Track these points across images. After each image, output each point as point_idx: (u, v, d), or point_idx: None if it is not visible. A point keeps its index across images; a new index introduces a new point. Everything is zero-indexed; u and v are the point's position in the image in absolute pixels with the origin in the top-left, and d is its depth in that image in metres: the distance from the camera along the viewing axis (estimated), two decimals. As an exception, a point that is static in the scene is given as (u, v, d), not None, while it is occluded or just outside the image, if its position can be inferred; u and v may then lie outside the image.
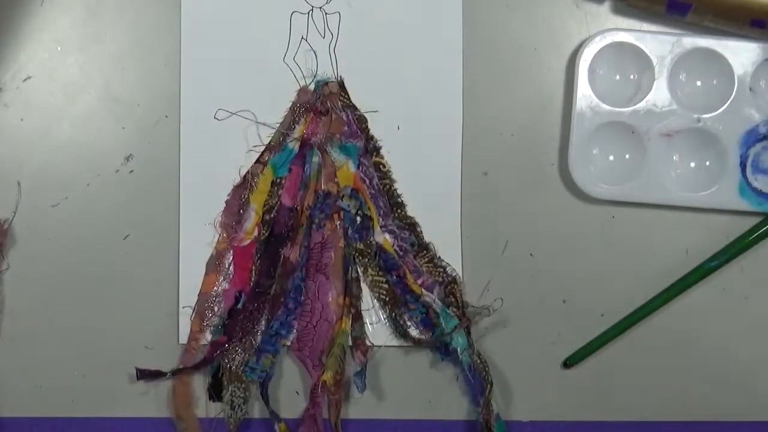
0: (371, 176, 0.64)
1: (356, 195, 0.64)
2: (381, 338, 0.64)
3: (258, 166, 0.64)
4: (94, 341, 0.64)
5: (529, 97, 0.65)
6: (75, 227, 0.64)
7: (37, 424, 0.64)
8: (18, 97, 0.64)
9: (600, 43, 0.63)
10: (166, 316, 0.64)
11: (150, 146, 0.64)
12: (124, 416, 0.64)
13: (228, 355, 0.63)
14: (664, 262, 0.65)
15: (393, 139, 0.65)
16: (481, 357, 0.63)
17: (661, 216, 0.65)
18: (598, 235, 0.65)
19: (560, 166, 0.65)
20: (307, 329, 0.64)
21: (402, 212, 0.64)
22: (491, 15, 0.65)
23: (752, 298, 0.65)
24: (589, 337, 0.65)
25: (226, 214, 0.64)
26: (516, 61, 0.65)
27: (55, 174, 0.64)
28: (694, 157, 0.65)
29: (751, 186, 0.64)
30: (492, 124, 0.65)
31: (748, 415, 0.65)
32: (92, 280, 0.64)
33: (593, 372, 0.65)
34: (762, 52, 0.63)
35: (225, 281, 0.64)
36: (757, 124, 0.64)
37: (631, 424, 0.65)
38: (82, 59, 0.64)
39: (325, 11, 0.65)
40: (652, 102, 0.64)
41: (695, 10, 0.62)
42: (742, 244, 0.64)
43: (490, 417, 0.62)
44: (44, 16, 0.64)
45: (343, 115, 0.64)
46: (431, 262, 0.64)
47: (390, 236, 0.64)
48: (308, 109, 0.64)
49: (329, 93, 0.64)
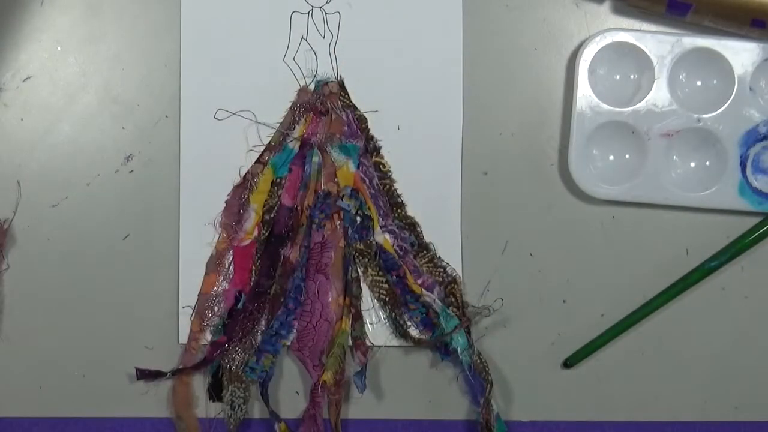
0: (371, 176, 0.64)
1: (356, 195, 0.64)
2: (381, 338, 0.64)
3: (258, 166, 0.64)
4: (94, 341, 0.64)
5: (529, 97, 0.65)
6: (75, 227, 0.64)
7: (37, 424, 0.64)
8: (18, 97, 0.64)
9: (600, 43, 0.63)
10: (166, 316, 0.64)
11: (150, 146, 0.64)
12: (124, 416, 0.64)
13: (228, 355, 0.63)
14: (664, 262, 0.65)
15: (393, 139, 0.65)
16: (481, 357, 0.63)
17: (661, 216, 0.65)
18: (598, 235, 0.65)
19: (560, 166, 0.65)
20: (307, 329, 0.64)
21: (402, 212, 0.64)
22: (491, 15, 0.65)
23: (752, 298, 0.65)
24: (589, 337, 0.65)
25: (226, 214, 0.64)
26: (516, 61, 0.65)
27: (55, 174, 0.64)
28: (694, 157, 0.65)
29: (751, 186, 0.64)
30: (492, 124, 0.65)
31: (748, 415, 0.65)
32: (92, 279, 0.64)
33: (593, 372, 0.65)
34: (762, 52, 0.63)
35: (225, 281, 0.64)
36: (757, 124, 0.64)
37: (631, 424, 0.65)
38: (82, 59, 0.64)
39: (325, 11, 0.65)
40: (652, 102, 0.64)
41: (695, 10, 0.62)
42: (742, 244, 0.64)
43: (490, 417, 0.62)
44: (44, 16, 0.64)
45: (343, 115, 0.64)
46: (431, 262, 0.64)
47: (390, 236, 0.64)
48: (308, 109, 0.64)
49: (329, 93, 0.64)
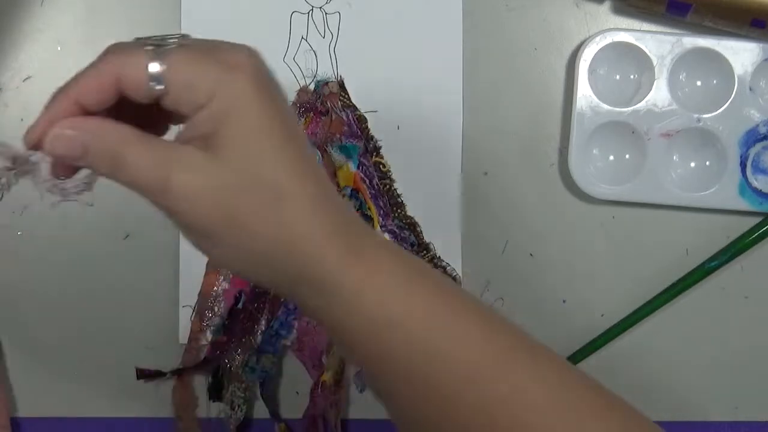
0: (371, 176, 0.64)
1: (356, 195, 0.64)
2: (381, 338, 0.64)
3: (258, 166, 0.64)
4: (95, 341, 0.64)
5: (529, 97, 0.65)
6: (75, 227, 0.64)
7: (37, 424, 0.64)
8: (18, 97, 0.64)
9: (600, 43, 0.63)
10: (166, 316, 0.64)
11: (150, 146, 0.64)
12: (124, 416, 0.64)
13: (228, 355, 0.63)
14: (664, 262, 0.65)
15: (393, 139, 0.65)
16: (481, 357, 0.63)
17: (661, 216, 0.65)
18: (598, 235, 0.65)
19: (560, 166, 0.65)
20: (307, 329, 0.64)
21: (402, 212, 0.64)
22: (491, 15, 0.65)
23: (752, 298, 0.65)
24: (589, 337, 0.65)
25: (226, 214, 0.64)
26: (516, 61, 0.65)
27: (55, 174, 0.64)
28: (694, 157, 0.65)
29: (751, 186, 0.64)
30: (492, 124, 0.65)
31: (748, 415, 0.65)
32: (92, 280, 0.64)
33: (593, 372, 0.65)
34: (762, 52, 0.63)
35: (225, 281, 0.64)
36: (757, 124, 0.64)
37: (631, 424, 0.65)
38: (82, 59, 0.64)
39: (325, 11, 0.65)
40: (652, 102, 0.64)
41: (695, 10, 0.62)
42: (742, 244, 0.64)
43: (490, 417, 0.62)
44: (44, 16, 0.64)
45: (343, 115, 0.64)
46: (431, 262, 0.64)
47: (390, 236, 0.64)
48: (308, 109, 0.64)
49: (329, 93, 0.64)
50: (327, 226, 0.41)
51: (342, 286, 0.41)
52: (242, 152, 0.40)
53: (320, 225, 0.41)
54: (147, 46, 0.41)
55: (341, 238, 0.41)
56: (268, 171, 0.40)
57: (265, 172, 0.40)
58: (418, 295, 0.42)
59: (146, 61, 0.40)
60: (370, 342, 0.42)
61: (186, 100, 0.41)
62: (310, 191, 0.41)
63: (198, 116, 0.40)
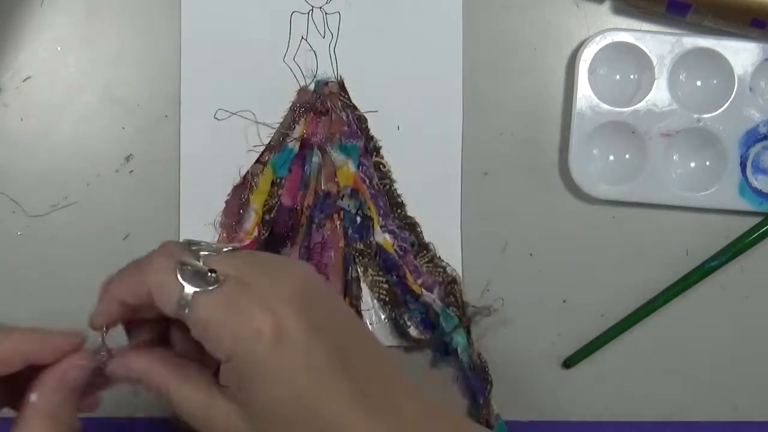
0: (371, 176, 0.64)
1: (356, 195, 0.64)
2: (381, 338, 0.64)
3: (258, 166, 0.64)
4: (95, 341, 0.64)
5: (529, 97, 0.65)
6: (75, 227, 0.64)
7: (37, 424, 0.64)
8: (18, 97, 0.64)
9: (600, 43, 0.63)
10: (166, 316, 0.64)
11: (150, 146, 0.64)
12: (124, 416, 0.64)
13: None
14: (664, 262, 0.65)
15: (393, 139, 0.65)
16: (481, 357, 0.63)
17: (661, 216, 0.65)
18: (598, 235, 0.65)
19: (560, 166, 0.65)
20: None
21: (402, 212, 0.64)
22: (491, 15, 0.65)
23: (752, 298, 0.65)
24: (589, 337, 0.65)
25: (226, 214, 0.64)
26: (516, 61, 0.65)
27: (55, 174, 0.64)
28: (694, 157, 0.65)
29: (751, 186, 0.64)
30: (492, 124, 0.65)
31: (748, 415, 0.65)
32: (92, 280, 0.64)
33: (593, 372, 0.65)
34: (762, 52, 0.63)
35: (225, 281, 0.64)
36: (757, 124, 0.64)
37: (631, 424, 0.65)
38: (82, 59, 0.64)
39: (325, 11, 0.65)
40: (652, 102, 0.64)
41: (695, 10, 0.62)
42: (742, 244, 0.64)
43: (490, 417, 0.62)
44: (44, 16, 0.64)
45: (343, 115, 0.64)
46: (431, 262, 0.64)
47: (390, 236, 0.64)
48: (308, 109, 0.64)
49: (329, 93, 0.64)
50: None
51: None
52: (271, 419, 0.41)
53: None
54: (185, 265, 0.42)
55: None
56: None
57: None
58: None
59: (177, 288, 0.41)
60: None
61: (207, 347, 0.42)
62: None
63: (223, 368, 0.41)
